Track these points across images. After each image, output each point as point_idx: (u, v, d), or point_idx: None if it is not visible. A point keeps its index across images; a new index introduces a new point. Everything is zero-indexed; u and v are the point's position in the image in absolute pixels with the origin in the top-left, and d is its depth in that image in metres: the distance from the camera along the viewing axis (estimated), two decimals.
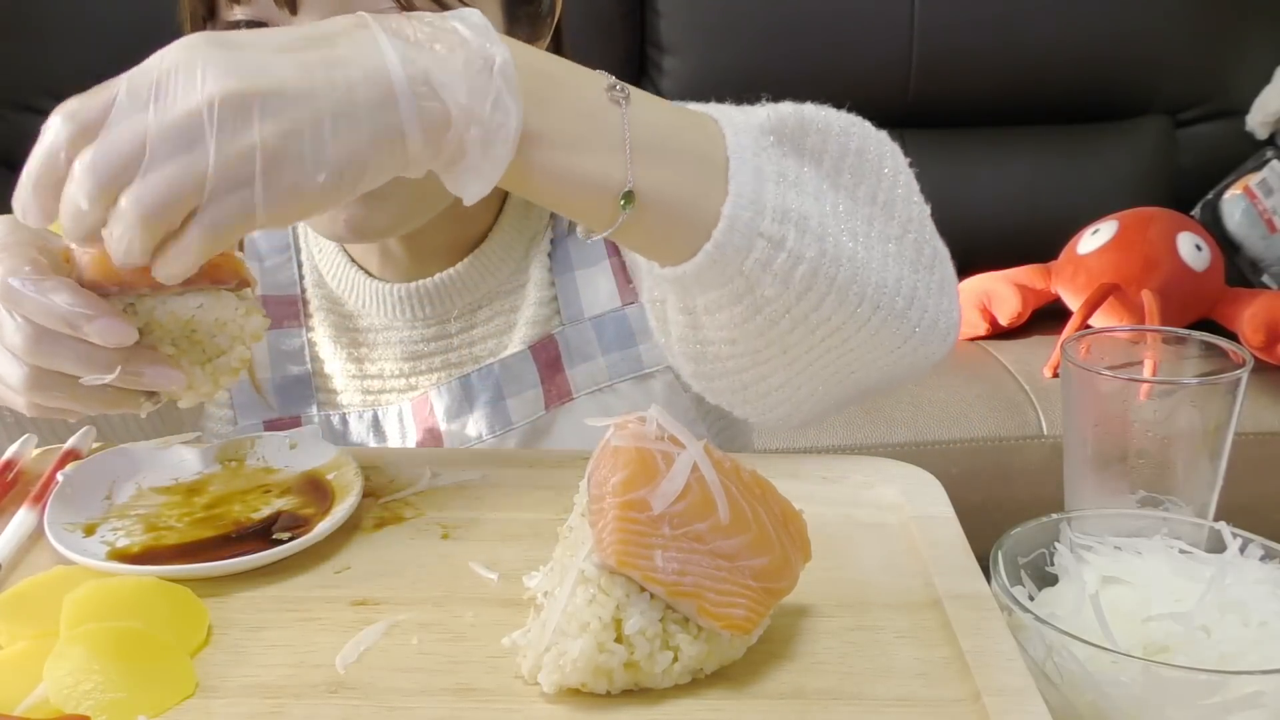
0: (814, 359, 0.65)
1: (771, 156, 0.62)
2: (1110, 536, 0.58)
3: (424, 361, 0.85)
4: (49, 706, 0.45)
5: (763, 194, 0.59)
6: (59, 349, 0.53)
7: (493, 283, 0.85)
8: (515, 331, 0.86)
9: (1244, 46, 2.25)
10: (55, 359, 0.53)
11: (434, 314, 0.85)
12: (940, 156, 2.25)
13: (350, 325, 0.87)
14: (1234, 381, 0.65)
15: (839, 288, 0.61)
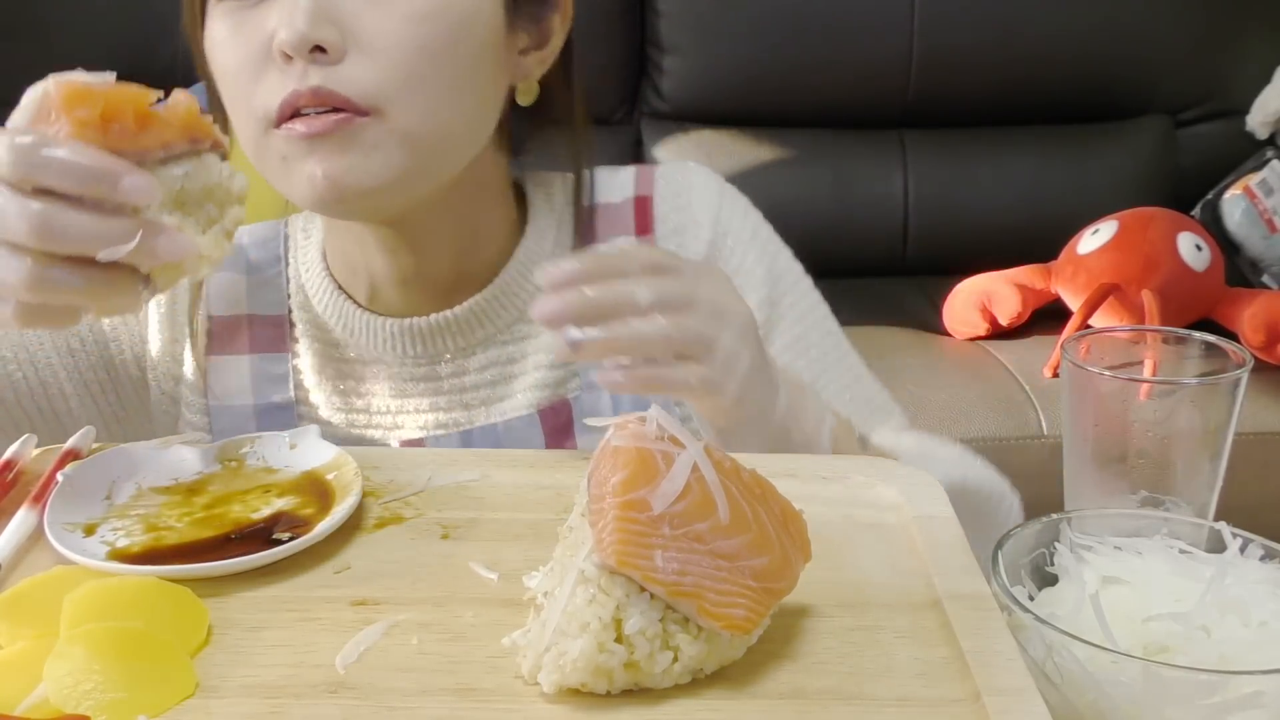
0: None
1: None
2: (1110, 536, 0.58)
3: (411, 401, 0.83)
4: (49, 706, 0.45)
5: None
6: (75, 224, 0.51)
7: (490, 330, 0.83)
8: (516, 385, 0.83)
9: (1244, 46, 2.25)
10: (68, 237, 0.51)
11: (424, 353, 0.83)
12: (940, 156, 2.25)
13: (337, 354, 0.84)
14: (1234, 381, 0.65)
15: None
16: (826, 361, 0.86)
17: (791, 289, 0.87)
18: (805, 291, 0.87)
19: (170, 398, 0.85)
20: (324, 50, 0.69)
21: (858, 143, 2.25)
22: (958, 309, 1.96)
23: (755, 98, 2.23)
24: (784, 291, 0.86)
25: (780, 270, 0.87)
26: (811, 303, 0.87)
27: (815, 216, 2.14)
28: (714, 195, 0.88)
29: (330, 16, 0.69)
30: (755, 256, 0.86)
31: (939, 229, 2.23)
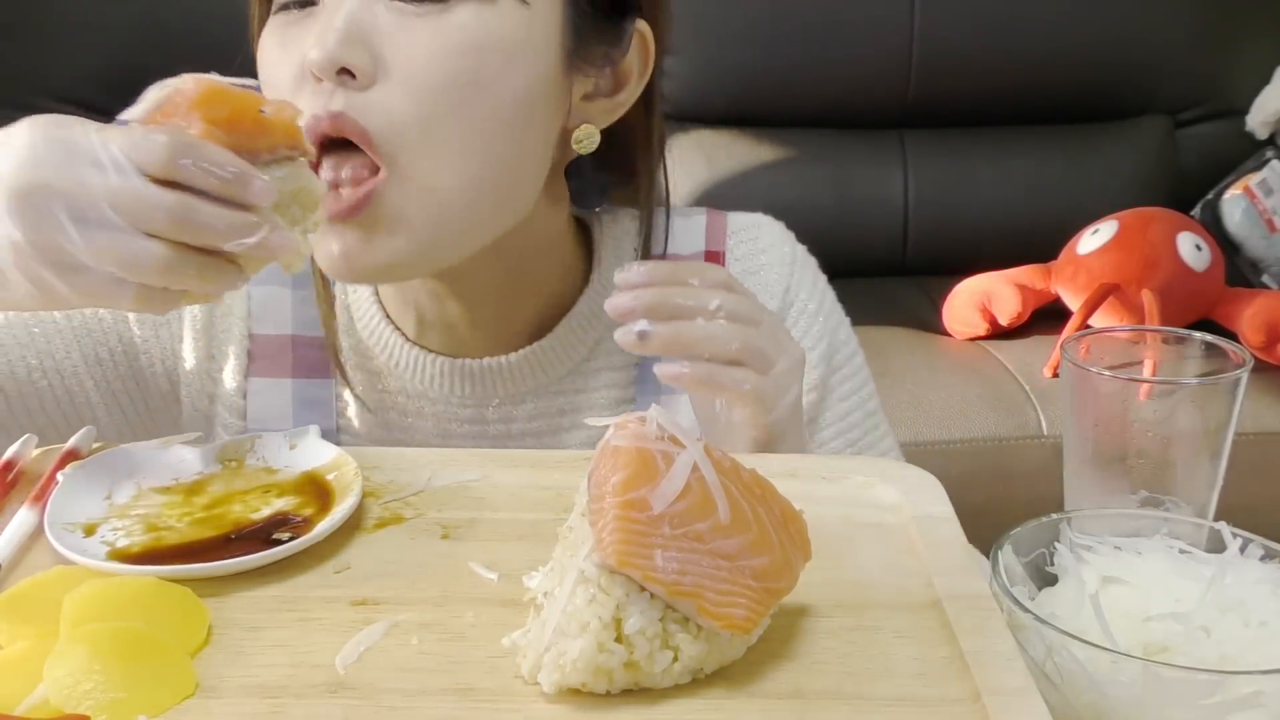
0: None
1: None
2: (1110, 536, 0.58)
3: (454, 440, 0.82)
4: (49, 706, 0.45)
5: None
6: (213, 218, 0.55)
7: (543, 380, 0.81)
8: (565, 439, 0.82)
9: (1244, 46, 2.25)
10: (206, 229, 0.55)
11: (471, 395, 0.81)
12: (940, 156, 2.25)
13: (380, 385, 0.82)
14: (1234, 381, 0.65)
15: None
16: (863, 445, 0.86)
17: (843, 367, 0.87)
18: (855, 370, 0.87)
19: (204, 415, 0.83)
20: (352, 75, 0.66)
21: (858, 143, 2.25)
22: (958, 309, 1.96)
23: (755, 98, 2.23)
24: (837, 368, 0.86)
25: (838, 346, 0.87)
26: (859, 383, 0.87)
27: (815, 216, 2.12)
28: (786, 263, 0.86)
29: (364, 40, 0.66)
30: (818, 332, 0.86)
31: (939, 229, 2.23)
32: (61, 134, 0.55)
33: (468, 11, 0.67)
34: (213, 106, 0.57)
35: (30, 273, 0.55)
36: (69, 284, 0.56)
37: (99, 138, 0.54)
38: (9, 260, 0.55)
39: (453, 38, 0.66)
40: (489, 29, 0.67)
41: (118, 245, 0.54)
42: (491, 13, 0.67)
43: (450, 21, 0.67)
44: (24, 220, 0.54)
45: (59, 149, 0.54)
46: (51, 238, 0.54)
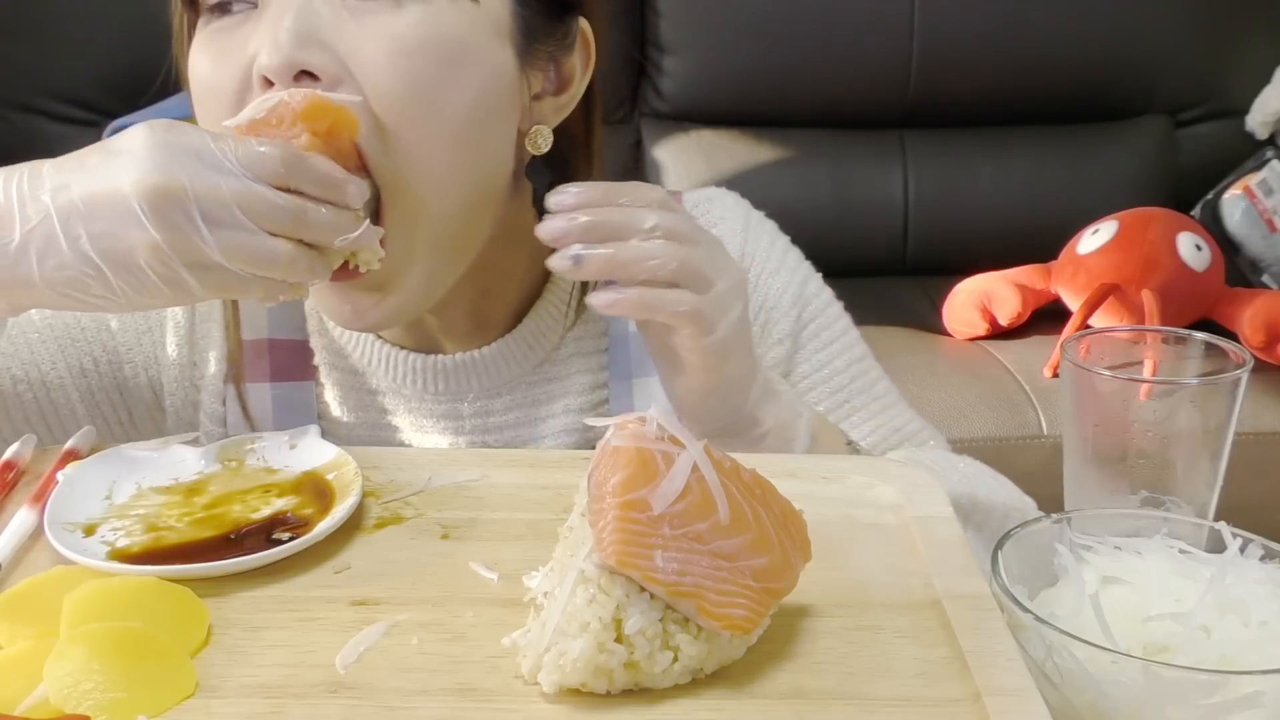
0: None
1: None
2: (1110, 536, 0.58)
3: (431, 437, 0.82)
4: (49, 706, 0.45)
5: None
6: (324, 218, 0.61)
7: (516, 371, 0.81)
8: (542, 429, 0.82)
9: (1244, 46, 2.25)
10: (319, 228, 0.61)
11: (446, 391, 0.81)
12: (940, 156, 2.25)
13: (358, 384, 0.83)
14: (1234, 381, 0.65)
15: None
16: (850, 390, 0.85)
17: (817, 317, 0.86)
18: (830, 320, 0.87)
19: (188, 424, 0.83)
20: (315, 77, 0.65)
21: (858, 143, 2.25)
22: (958, 309, 1.96)
23: (755, 98, 2.23)
24: (808, 320, 0.86)
25: (806, 298, 0.86)
26: (836, 331, 0.87)
27: (815, 216, 2.13)
28: (739, 228, 0.87)
29: (316, 39, 0.65)
30: (781, 286, 0.86)
31: (939, 229, 2.23)
32: (185, 140, 0.57)
33: (416, 9, 0.66)
34: (318, 120, 0.63)
35: (167, 272, 0.58)
36: (201, 281, 0.58)
37: (219, 144, 0.58)
38: (146, 260, 0.57)
39: (407, 35, 0.66)
40: (438, 27, 0.67)
41: (249, 245, 0.58)
42: (439, 10, 0.67)
43: (402, 19, 0.66)
44: (163, 222, 0.56)
45: (188, 154, 0.57)
46: (189, 238, 0.57)
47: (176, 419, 0.83)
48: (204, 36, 0.70)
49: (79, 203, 0.57)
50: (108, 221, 0.56)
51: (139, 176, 0.56)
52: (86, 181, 0.57)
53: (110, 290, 0.58)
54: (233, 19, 0.68)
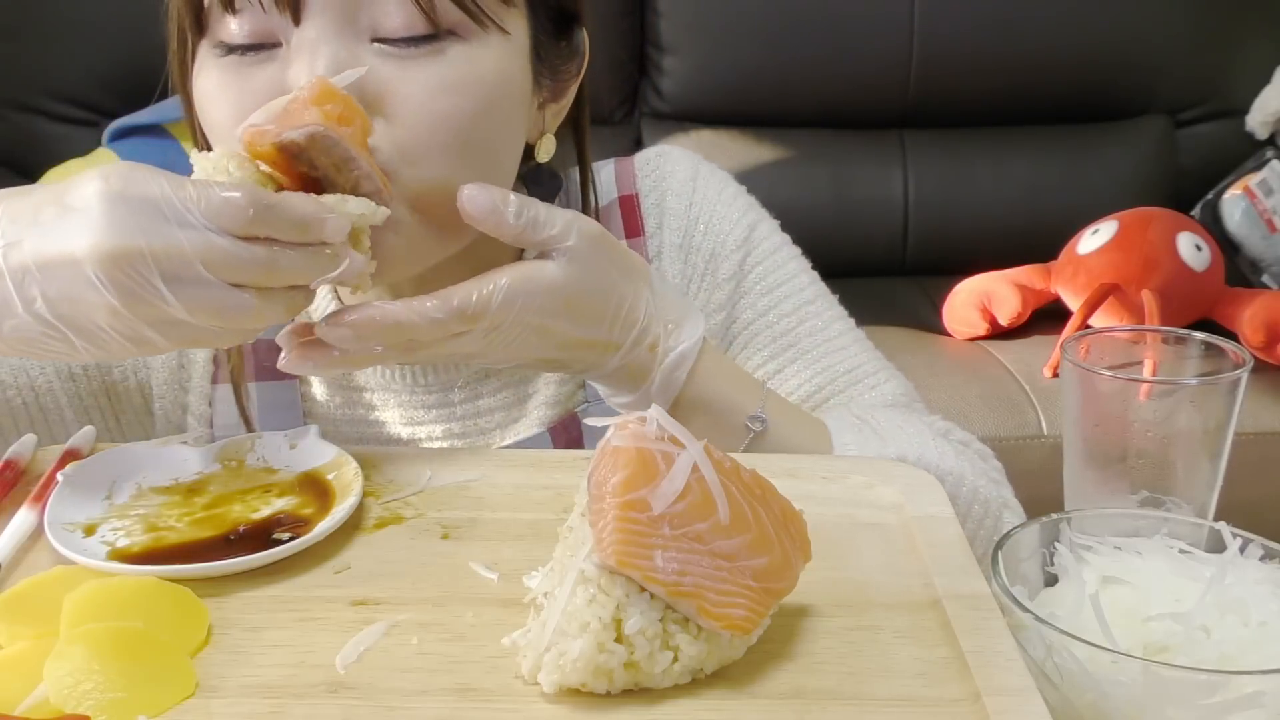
0: None
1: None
2: (1110, 536, 0.58)
3: (424, 428, 0.82)
4: (49, 706, 0.45)
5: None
6: (296, 263, 0.58)
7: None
8: (529, 406, 0.83)
9: (1244, 46, 2.25)
10: (289, 273, 0.58)
11: (436, 382, 0.81)
12: (940, 156, 2.25)
13: (345, 382, 0.82)
14: (1234, 381, 0.65)
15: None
16: (797, 334, 0.84)
17: (763, 261, 0.86)
18: (778, 265, 0.86)
19: (176, 427, 0.83)
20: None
21: (858, 143, 2.25)
22: (958, 309, 1.96)
23: (755, 98, 2.23)
24: (754, 265, 0.85)
25: (754, 242, 0.86)
26: (783, 275, 0.86)
27: (815, 216, 2.13)
28: (688, 178, 0.87)
29: (353, 87, 0.64)
30: (727, 229, 0.86)
31: (939, 229, 2.23)
32: (143, 193, 0.54)
33: (459, 52, 0.66)
34: (328, 101, 0.61)
35: (130, 333, 0.56)
36: (168, 336, 0.57)
37: (180, 194, 0.54)
38: (107, 323, 0.55)
39: (448, 79, 0.66)
40: (482, 67, 0.67)
41: (212, 300, 0.56)
42: (481, 49, 0.67)
43: (444, 62, 0.66)
44: (119, 287, 0.54)
45: (145, 209, 0.54)
46: (149, 301, 0.54)
47: (165, 422, 0.83)
48: (223, 69, 0.67)
49: (32, 265, 0.54)
50: (63, 285, 0.54)
51: (94, 241, 0.53)
52: (40, 241, 0.54)
53: (73, 348, 0.57)
54: (255, 56, 0.66)
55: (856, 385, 0.84)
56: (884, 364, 0.87)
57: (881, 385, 0.84)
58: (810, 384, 0.83)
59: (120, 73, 2.05)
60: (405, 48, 0.65)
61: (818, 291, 0.87)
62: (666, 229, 0.86)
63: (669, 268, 0.85)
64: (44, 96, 2.11)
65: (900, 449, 0.73)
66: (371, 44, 0.65)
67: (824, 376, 0.84)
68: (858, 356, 0.85)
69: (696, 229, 0.86)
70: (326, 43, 0.64)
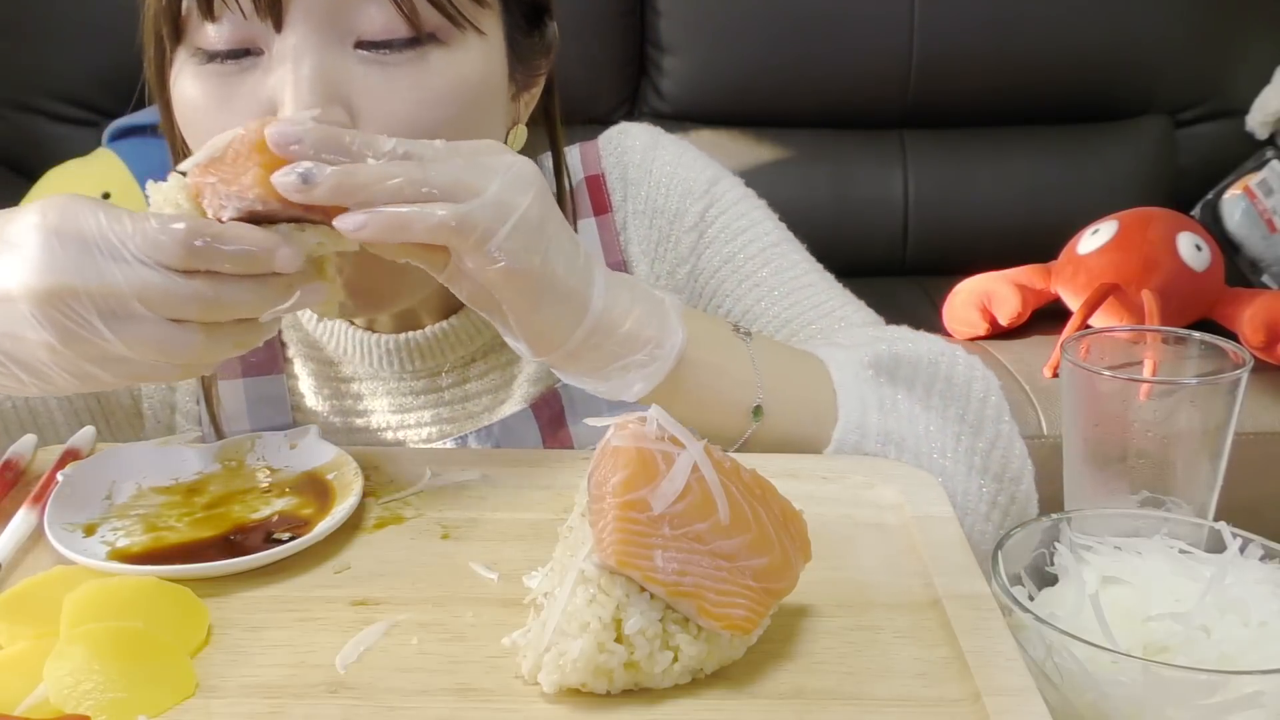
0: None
1: (872, 386, 0.72)
2: (1110, 536, 0.58)
3: (413, 415, 0.82)
4: (49, 706, 0.45)
5: (866, 420, 0.70)
6: (241, 297, 0.55)
7: (489, 335, 0.81)
8: (514, 386, 0.83)
9: (1244, 46, 2.25)
10: (238, 308, 0.56)
11: (424, 368, 0.81)
12: (940, 156, 2.25)
13: (332, 374, 0.83)
14: (1234, 381, 0.65)
15: None
16: (761, 275, 0.84)
17: (728, 210, 0.86)
18: (741, 213, 0.86)
19: (166, 428, 0.83)
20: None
21: (858, 143, 2.25)
22: (958, 309, 1.96)
23: (755, 98, 2.23)
24: (717, 214, 0.86)
25: (716, 193, 0.86)
26: (746, 223, 0.86)
27: (815, 216, 2.12)
28: (647, 149, 0.88)
29: (337, 94, 0.64)
30: (690, 178, 0.86)
31: (939, 229, 2.23)
32: (74, 228, 0.53)
33: (440, 57, 0.66)
34: (269, 152, 0.56)
35: (72, 369, 0.55)
36: (112, 373, 0.56)
37: (116, 229, 0.53)
38: (47, 361, 0.55)
39: (431, 89, 0.66)
40: (463, 71, 0.68)
41: (153, 337, 0.54)
42: (461, 54, 0.67)
43: (427, 70, 0.66)
44: (55, 326, 0.53)
45: (76, 247, 0.53)
46: (86, 339, 0.54)
47: (154, 421, 0.83)
48: (203, 78, 0.66)
49: None
50: (3, 323, 0.54)
51: (27, 280, 0.53)
52: None
53: (21, 382, 0.57)
54: (236, 64, 0.66)
55: (825, 319, 0.84)
56: (850, 299, 0.87)
57: (850, 316, 0.84)
58: (778, 319, 0.83)
59: (120, 73, 2.04)
60: (387, 53, 0.65)
61: (782, 235, 0.87)
62: (630, 199, 0.86)
63: (634, 234, 0.86)
64: (44, 96, 2.11)
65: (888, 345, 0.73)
66: (354, 50, 0.65)
67: (792, 312, 0.84)
68: (825, 293, 0.85)
69: (658, 193, 0.86)
70: (310, 50, 0.64)
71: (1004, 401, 0.78)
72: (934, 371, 0.74)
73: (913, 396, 0.72)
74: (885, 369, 0.72)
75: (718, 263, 0.85)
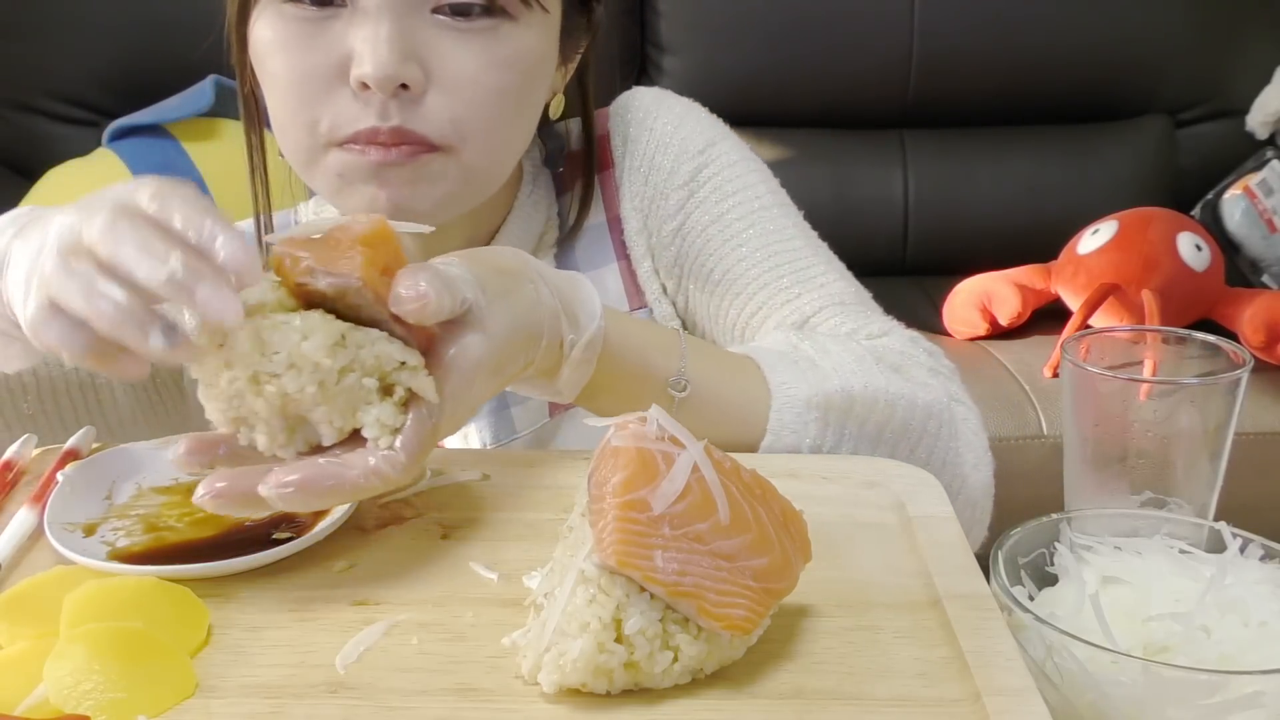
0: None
1: (809, 430, 0.70)
2: (1110, 536, 0.58)
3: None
4: (49, 706, 0.45)
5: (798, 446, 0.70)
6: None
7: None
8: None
9: (1244, 46, 2.25)
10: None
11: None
12: (940, 156, 2.25)
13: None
14: (1234, 381, 0.65)
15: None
16: (744, 236, 0.85)
17: (722, 171, 0.87)
18: (738, 173, 0.87)
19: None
20: (406, 87, 0.70)
21: (858, 143, 2.25)
22: (958, 309, 1.96)
23: (755, 98, 2.23)
24: (710, 175, 0.86)
25: (712, 155, 0.87)
26: (742, 183, 0.87)
27: (815, 216, 2.11)
28: (650, 108, 0.90)
29: (414, 53, 0.70)
30: (687, 135, 0.87)
31: (939, 229, 2.23)
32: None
33: (510, 30, 0.73)
34: (378, 247, 0.52)
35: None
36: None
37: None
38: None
39: (498, 53, 0.72)
40: (527, 45, 0.74)
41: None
42: (526, 29, 0.74)
43: (496, 37, 0.72)
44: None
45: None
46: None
47: (190, 379, 0.84)
48: (288, 20, 0.71)
49: None
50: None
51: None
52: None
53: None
54: (317, 11, 0.71)
55: (803, 284, 0.83)
56: (834, 264, 0.87)
57: (830, 284, 0.84)
58: (757, 281, 0.83)
59: (120, 73, 2.05)
60: (463, 20, 0.71)
61: (775, 200, 0.88)
62: (629, 155, 0.88)
63: (628, 190, 0.88)
64: (44, 96, 2.11)
65: (844, 381, 0.71)
66: (431, 14, 0.71)
67: (771, 275, 0.84)
68: (809, 258, 0.85)
69: (657, 151, 0.88)
70: (390, 9, 0.69)
71: (974, 446, 0.78)
72: (889, 414, 0.72)
73: (860, 437, 0.71)
74: (834, 409, 0.71)
75: (705, 221, 0.86)
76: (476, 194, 0.78)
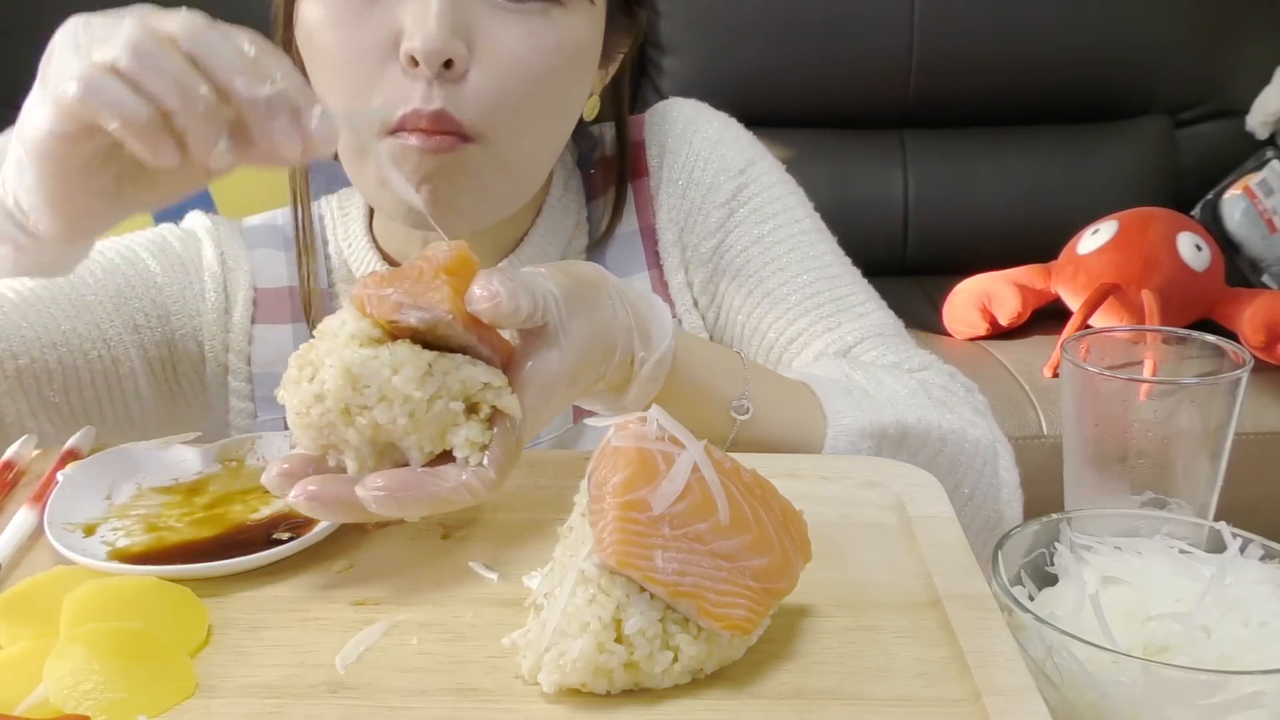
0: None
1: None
2: (1110, 536, 0.58)
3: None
4: (49, 706, 0.45)
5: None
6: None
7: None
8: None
9: (1244, 46, 2.25)
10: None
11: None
12: (940, 156, 2.25)
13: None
14: (1234, 381, 0.65)
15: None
16: (786, 260, 0.86)
17: (761, 192, 0.88)
18: (774, 197, 0.88)
19: (222, 367, 0.86)
20: (451, 64, 0.70)
21: (858, 143, 2.25)
22: (958, 309, 1.96)
23: (755, 98, 2.23)
24: (750, 196, 0.87)
25: (752, 175, 0.88)
26: (781, 206, 0.88)
27: None
28: (690, 121, 0.90)
29: (462, 30, 0.70)
30: (727, 154, 0.88)
31: (939, 229, 2.23)
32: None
33: (559, 15, 0.73)
34: (463, 275, 0.53)
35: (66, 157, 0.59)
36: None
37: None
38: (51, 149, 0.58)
39: (544, 37, 0.72)
40: (575, 34, 0.74)
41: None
42: (574, 17, 0.74)
43: (545, 21, 0.72)
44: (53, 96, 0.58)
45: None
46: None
47: (215, 364, 0.86)
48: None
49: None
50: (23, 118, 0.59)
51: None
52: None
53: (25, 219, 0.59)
54: None
55: (844, 313, 0.84)
56: (872, 294, 0.88)
57: (870, 315, 0.85)
58: (798, 308, 0.84)
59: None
60: (512, 2, 0.71)
61: (814, 225, 0.89)
62: (666, 167, 0.89)
63: (665, 202, 0.88)
64: None
65: (898, 413, 0.73)
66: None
67: (812, 302, 0.85)
68: (848, 286, 0.86)
69: (696, 165, 0.88)
70: None
71: (1011, 486, 0.79)
72: (940, 448, 0.74)
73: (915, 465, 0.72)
74: (889, 440, 0.72)
75: (746, 242, 0.87)
76: (515, 192, 0.78)
